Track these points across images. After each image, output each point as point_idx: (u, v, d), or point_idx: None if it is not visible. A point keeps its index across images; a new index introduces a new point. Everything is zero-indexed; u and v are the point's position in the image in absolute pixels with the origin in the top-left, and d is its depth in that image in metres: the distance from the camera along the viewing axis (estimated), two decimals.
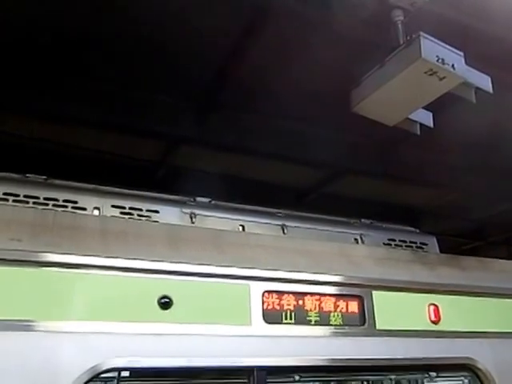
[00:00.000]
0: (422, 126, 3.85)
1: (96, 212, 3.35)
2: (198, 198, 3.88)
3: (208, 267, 2.84)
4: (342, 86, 3.81)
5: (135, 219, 3.42)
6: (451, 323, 3.39)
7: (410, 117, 3.77)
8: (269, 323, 2.88)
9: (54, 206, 3.25)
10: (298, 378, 3.00)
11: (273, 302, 2.95)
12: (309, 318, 3.01)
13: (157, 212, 3.55)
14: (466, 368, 3.38)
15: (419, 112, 3.79)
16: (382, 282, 3.30)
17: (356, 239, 4.20)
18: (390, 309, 3.26)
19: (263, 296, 2.92)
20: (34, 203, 3.19)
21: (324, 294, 3.10)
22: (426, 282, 3.48)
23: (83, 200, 3.36)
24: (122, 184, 3.70)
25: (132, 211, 3.47)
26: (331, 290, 3.15)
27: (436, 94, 3.52)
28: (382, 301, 3.23)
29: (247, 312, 2.84)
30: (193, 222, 3.63)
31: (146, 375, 2.82)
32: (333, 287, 3.16)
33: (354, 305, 3.16)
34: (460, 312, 3.49)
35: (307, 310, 3.02)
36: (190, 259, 2.83)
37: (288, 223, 3.98)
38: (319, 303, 3.07)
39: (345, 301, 3.14)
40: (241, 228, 3.77)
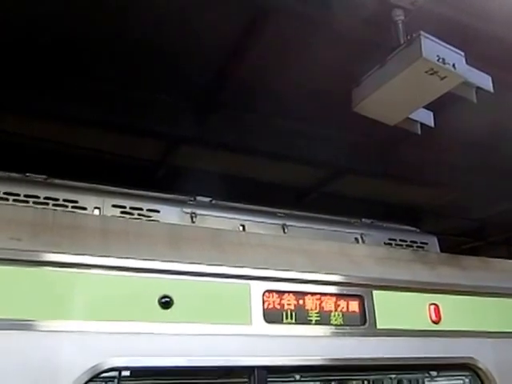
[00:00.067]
0: (423, 126, 3.85)
1: (96, 211, 3.35)
2: (199, 198, 3.88)
3: (209, 267, 2.84)
4: (342, 85, 3.81)
5: (136, 219, 3.42)
6: (452, 323, 3.39)
7: (411, 116, 3.76)
8: (269, 323, 2.88)
9: (54, 205, 3.24)
10: (298, 377, 3.01)
11: (273, 301, 2.94)
12: (309, 318, 3.01)
13: (157, 211, 3.55)
14: (467, 367, 3.38)
15: (420, 111, 3.78)
16: (382, 282, 3.30)
17: (356, 239, 4.19)
18: (391, 308, 3.25)
19: (264, 295, 2.92)
20: (34, 203, 3.19)
21: (324, 294, 3.10)
22: (426, 281, 3.47)
23: (83, 199, 3.35)
24: (123, 184, 3.69)
25: (132, 211, 3.47)
26: (332, 289, 3.15)
27: (437, 93, 3.52)
28: (383, 300, 3.23)
29: (248, 311, 2.84)
30: (193, 222, 3.63)
31: (147, 375, 2.82)
32: (333, 287, 3.16)
33: (354, 304, 3.15)
34: (461, 311, 3.48)
35: (308, 309, 3.02)
36: (190, 259, 2.83)
37: (288, 223, 3.97)
38: (320, 303, 3.07)
39: (345, 300, 3.14)
40: (241, 227, 3.76)
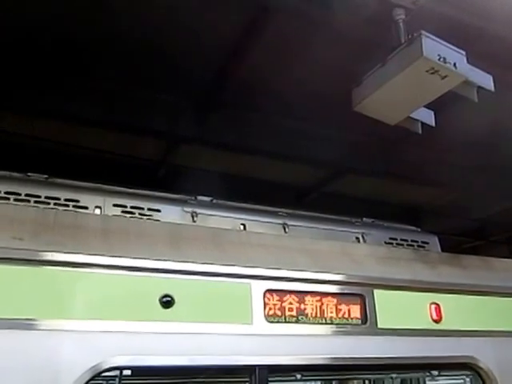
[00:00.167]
0: (424, 125, 3.85)
1: (97, 211, 3.35)
2: (200, 197, 3.88)
3: (209, 266, 2.83)
4: (343, 84, 3.81)
5: (137, 218, 3.42)
6: (453, 322, 3.39)
7: (412, 116, 3.76)
8: (270, 322, 2.88)
9: (55, 204, 3.24)
10: (299, 376, 3.00)
11: (274, 300, 2.94)
12: (310, 317, 3.00)
13: (158, 211, 3.55)
14: (468, 367, 3.37)
15: (421, 111, 3.78)
16: (383, 281, 3.30)
17: (357, 238, 4.19)
18: (392, 307, 3.25)
19: (265, 295, 2.92)
20: (35, 202, 3.19)
21: (325, 293, 3.10)
22: (427, 280, 3.47)
23: (85, 199, 3.35)
24: (123, 183, 3.70)
25: (133, 210, 3.47)
26: (333, 288, 3.14)
27: (438, 92, 3.51)
28: (384, 299, 3.23)
29: (249, 311, 2.84)
30: (194, 221, 3.63)
31: (148, 374, 2.82)
32: (334, 286, 3.15)
33: (355, 303, 3.15)
34: (462, 311, 3.48)
35: (309, 308, 3.02)
36: (191, 258, 2.83)
37: (289, 222, 3.97)
38: (321, 302, 3.06)
39: (346, 300, 3.13)
40: (242, 227, 3.76)
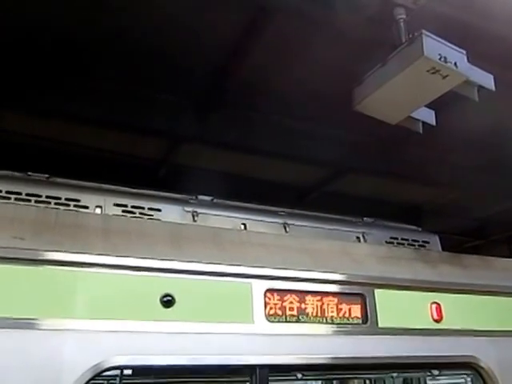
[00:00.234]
0: (425, 125, 3.85)
1: (98, 210, 3.35)
2: (200, 197, 3.88)
3: (210, 265, 2.84)
4: (343, 84, 3.80)
5: (137, 218, 3.42)
6: (453, 321, 3.39)
7: (413, 115, 3.76)
8: (271, 321, 2.88)
9: (56, 204, 3.25)
10: (300, 375, 3.00)
11: (275, 300, 2.94)
12: (311, 317, 3.01)
13: (159, 210, 3.55)
14: (469, 366, 3.38)
15: (421, 110, 3.78)
16: (384, 281, 3.30)
17: (358, 237, 4.19)
18: (393, 307, 3.25)
19: (265, 294, 2.92)
20: (36, 201, 3.19)
21: (326, 293, 3.10)
22: (428, 280, 3.47)
23: (85, 198, 3.36)
24: (124, 182, 3.70)
25: (134, 210, 3.47)
26: (333, 288, 3.15)
27: (438, 92, 3.51)
28: (385, 299, 3.23)
29: (249, 310, 2.84)
30: (195, 221, 3.63)
31: (149, 373, 2.82)
32: (335, 285, 3.16)
33: (356, 303, 3.15)
34: (462, 310, 3.48)
35: (309, 308, 3.02)
36: (192, 257, 2.83)
37: (290, 222, 3.97)
38: (321, 301, 3.07)
39: (347, 299, 3.14)
40: (243, 226, 3.76)
